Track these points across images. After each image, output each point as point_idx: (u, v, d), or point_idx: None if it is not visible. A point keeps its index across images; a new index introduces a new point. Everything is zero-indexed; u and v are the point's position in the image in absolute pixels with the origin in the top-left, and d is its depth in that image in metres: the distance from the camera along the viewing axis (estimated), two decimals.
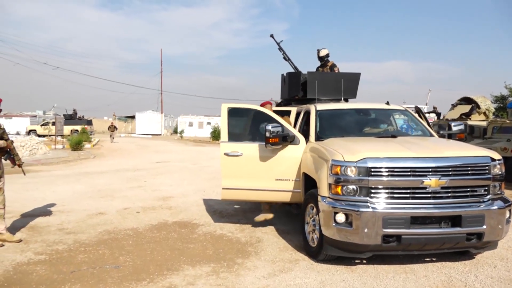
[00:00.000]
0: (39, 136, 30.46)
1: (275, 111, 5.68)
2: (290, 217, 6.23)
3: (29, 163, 14.18)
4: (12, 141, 5.13)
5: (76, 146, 20.32)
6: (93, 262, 4.30)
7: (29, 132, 34.41)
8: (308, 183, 4.72)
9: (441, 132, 5.75)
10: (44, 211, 6.56)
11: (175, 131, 49.70)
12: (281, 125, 4.93)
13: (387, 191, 3.80)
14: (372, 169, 3.78)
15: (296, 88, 7.29)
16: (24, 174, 5.59)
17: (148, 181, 10.18)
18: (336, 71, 7.45)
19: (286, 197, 5.10)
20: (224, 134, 5.20)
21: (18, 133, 32.31)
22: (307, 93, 7.18)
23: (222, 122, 5.25)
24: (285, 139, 4.93)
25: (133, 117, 50.38)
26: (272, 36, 7.63)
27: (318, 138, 4.98)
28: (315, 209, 4.29)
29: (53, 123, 29.86)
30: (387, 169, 3.78)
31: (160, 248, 4.79)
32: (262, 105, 5.87)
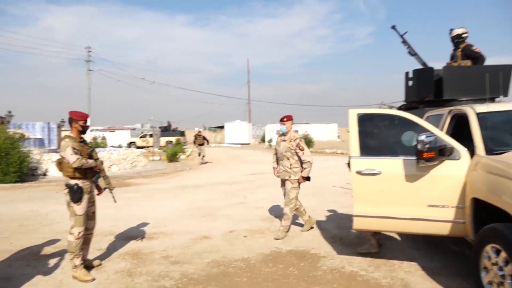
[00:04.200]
0: (138, 147, 32.14)
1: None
2: (436, 249, 4.97)
3: (130, 175, 14.52)
4: (102, 162, 4.60)
5: (172, 157, 20.74)
6: None
7: (129, 144, 36.63)
8: (479, 211, 3.48)
9: None
10: (147, 233, 6.09)
11: (263, 140, 49.65)
12: (435, 135, 3.75)
13: None
14: None
15: (427, 88, 6.00)
16: (115, 201, 4.87)
17: (248, 196, 9.47)
18: (476, 51, 5.98)
19: (442, 229, 3.87)
20: (354, 147, 4.16)
21: (120, 146, 34.53)
22: (442, 93, 5.86)
23: (351, 132, 4.21)
24: (442, 152, 3.73)
25: (222, 127, 51.46)
26: (394, 27, 6.43)
27: (491, 150, 3.69)
28: (502, 254, 3.03)
29: (151, 135, 31.40)
30: None
31: None
32: (282, 119, 5.77)
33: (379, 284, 3.98)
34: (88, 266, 4.47)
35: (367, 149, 4.14)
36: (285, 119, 5.74)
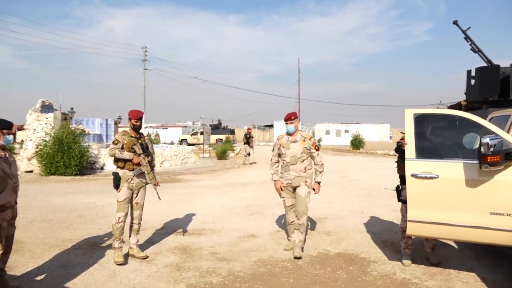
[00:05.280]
0: (189, 145, 32.99)
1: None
2: (497, 260, 4.65)
3: (181, 171, 14.92)
4: (145, 156, 4.72)
5: (222, 155, 21.06)
6: None
7: (181, 141, 37.71)
8: None
9: None
10: (196, 229, 6.20)
11: None
12: (501, 138, 3.47)
13: None
14: None
15: (491, 87, 5.59)
16: (159, 198, 5.18)
17: None
18: None
19: (506, 239, 3.59)
20: (410, 149, 3.95)
21: (172, 142, 35.64)
22: (510, 93, 5.45)
23: (407, 133, 4.01)
24: (509, 157, 3.45)
25: (271, 125, 51.55)
26: (456, 23, 6.05)
27: None
28: None
29: (201, 133, 32.12)
30: None
31: None
32: (289, 117, 4.92)
33: None
34: (133, 255, 4.74)
35: (423, 151, 3.93)
36: (293, 117, 4.95)
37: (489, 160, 3.35)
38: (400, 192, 4.73)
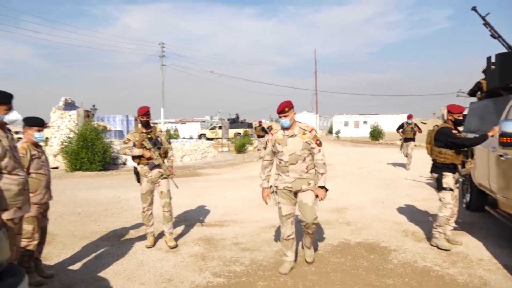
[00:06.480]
0: (208, 139, 33.30)
1: None
2: None
3: (201, 165, 15.14)
4: (156, 149, 4.96)
5: (240, 148, 21.23)
6: None
7: (200, 136, 38.08)
8: None
9: None
10: (218, 221, 6.36)
11: (330, 131, 48.91)
12: None
13: None
14: None
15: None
16: (177, 187, 5.40)
17: None
18: None
19: None
20: None
21: (191, 137, 36.03)
22: None
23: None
24: None
25: None
26: (474, 8, 5.98)
27: None
28: None
29: (220, 127, 32.36)
30: None
31: (350, 281, 3.86)
32: (282, 109, 3.98)
33: (454, 280, 3.81)
34: (166, 242, 5.04)
35: None
36: (286, 109, 3.98)
37: None
38: (441, 181, 4.74)
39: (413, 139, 12.73)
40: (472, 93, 6.83)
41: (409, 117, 12.91)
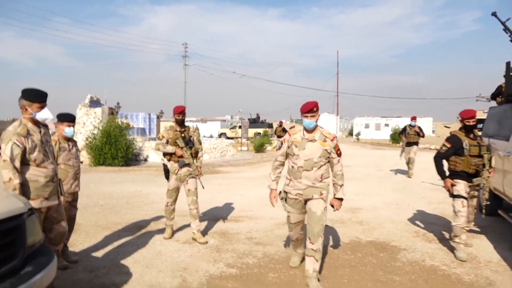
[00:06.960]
0: (228, 138, 33.63)
1: None
2: None
3: (220, 164, 15.41)
4: (188, 149, 5.12)
5: (259, 148, 21.44)
6: (284, 284, 3.81)
7: (220, 135, 38.51)
8: None
9: None
10: (234, 216, 6.57)
11: (350, 133, 48.59)
12: None
13: None
14: None
15: None
16: (203, 187, 5.60)
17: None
18: None
19: None
20: None
21: (211, 136, 36.48)
22: None
23: None
24: None
25: None
26: (494, 14, 6.01)
27: None
28: None
29: (240, 127, 32.65)
30: None
31: (358, 276, 4.01)
32: (310, 108, 3.67)
33: (460, 280, 3.90)
34: (195, 239, 5.17)
35: None
36: (315, 109, 3.68)
37: None
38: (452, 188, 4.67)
39: (416, 143, 11.58)
40: (493, 96, 6.83)
41: (413, 119, 11.61)
